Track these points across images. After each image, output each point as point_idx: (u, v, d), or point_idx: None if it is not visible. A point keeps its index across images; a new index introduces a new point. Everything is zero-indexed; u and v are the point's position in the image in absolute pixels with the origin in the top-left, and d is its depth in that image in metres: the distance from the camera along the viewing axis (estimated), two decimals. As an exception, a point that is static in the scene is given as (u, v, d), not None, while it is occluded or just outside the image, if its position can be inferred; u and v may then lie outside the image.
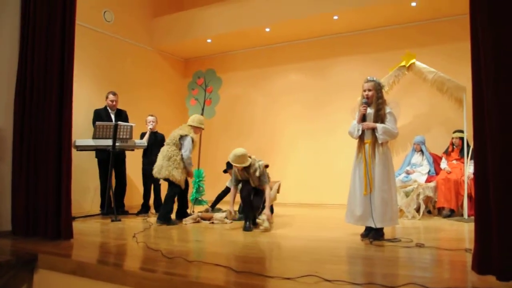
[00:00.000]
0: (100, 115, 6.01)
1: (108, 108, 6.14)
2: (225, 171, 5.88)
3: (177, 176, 5.19)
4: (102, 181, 6.07)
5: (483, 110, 2.33)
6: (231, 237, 4.33)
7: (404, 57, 5.99)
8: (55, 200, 3.86)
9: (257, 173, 4.74)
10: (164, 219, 5.08)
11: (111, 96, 6.12)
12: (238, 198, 5.02)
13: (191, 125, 5.49)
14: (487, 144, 2.28)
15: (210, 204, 6.17)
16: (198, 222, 5.32)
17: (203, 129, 5.66)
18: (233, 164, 4.76)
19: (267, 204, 4.70)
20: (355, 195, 3.92)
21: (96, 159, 6.08)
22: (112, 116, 6.11)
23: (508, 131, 2.22)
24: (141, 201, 6.36)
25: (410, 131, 6.39)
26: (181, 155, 5.27)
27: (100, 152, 5.95)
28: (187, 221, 5.27)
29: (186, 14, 7.82)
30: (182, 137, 5.32)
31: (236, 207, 5.49)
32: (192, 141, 5.34)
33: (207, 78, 6.48)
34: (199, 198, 6.24)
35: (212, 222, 5.21)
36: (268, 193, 4.76)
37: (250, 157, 4.82)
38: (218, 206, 6.20)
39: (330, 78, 7.51)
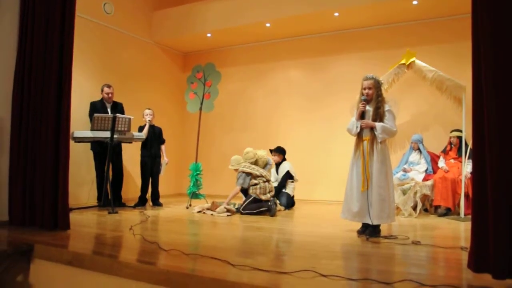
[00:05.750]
0: (96, 107, 5.97)
1: (104, 100, 6.11)
2: (271, 151, 6.63)
3: None
4: (98, 173, 6.05)
5: (482, 110, 2.33)
6: (228, 231, 4.34)
7: (404, 55, 6.00)
8: (52, 191, 3.86)
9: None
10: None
11: (106, 89, 6.08)
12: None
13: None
14: (485, 143, 2.29)
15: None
16: (203, 212, 5.58)
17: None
18: None
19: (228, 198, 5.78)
20: (352, 191, 3.92)
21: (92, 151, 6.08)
22: (108, 109, 6.09)
23: (507, 131, 2.23)
24: (138, 193, 6.35)
25: (408, 130, 6.40)
26: None
27: (95, 145, 5.94)
28: (195, 209, 5.73)
29: (186, 8, 7.79)
30: None
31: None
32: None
33: (206, 72, 6.45)
34: (197, 192, 6.24)
35: (212, 214, 5.44)
36: (233, 190, 5.73)
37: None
38: (220, 200, 6.26)
39: (329, 75, 7.50)
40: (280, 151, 6.56)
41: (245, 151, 6.15)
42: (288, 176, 6.35)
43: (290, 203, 6.22)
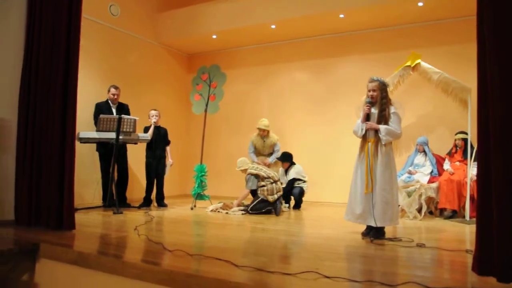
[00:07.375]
0: (101, 108, 6.00)
1: (109, 101, 6.15)
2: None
3: None
4: (103, 174, 6.08)
5: (487, 112, 2.33)
6: (233, 232, 4.34)
7: (410, 57, 5.97)
8: (58, 191, 3.88)
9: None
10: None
11: (112, 90, 6.13)
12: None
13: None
14: (490, 146, 2.28)
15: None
16: (218, 211, 5.82)
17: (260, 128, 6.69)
18: None
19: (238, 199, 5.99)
20: (356, 193, 3.92)
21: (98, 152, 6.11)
22: (114, 110, 6.12)
23: (512, 134, 2.22)
24: (143, 194, 6.38)
25: (413, 132, 6.37)
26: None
27: (100, 146, 5.97)
28: (209, 208, 5.97)
29: (192, 9, 7.81)
30: None
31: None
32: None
33: (212, 74, 6.47)
34: (201, 193, 6.25)
35: (227, 212, 5.70)
36: (243, 193, 5.97)
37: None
38: (229, 201, 6.29)
39: (334, 77, 7.49)
40: (285, 158, 6.59)
41: (262, 119, 6.65)
42: (294, 181, 6.42)
43: (300, 197, 6.41)
